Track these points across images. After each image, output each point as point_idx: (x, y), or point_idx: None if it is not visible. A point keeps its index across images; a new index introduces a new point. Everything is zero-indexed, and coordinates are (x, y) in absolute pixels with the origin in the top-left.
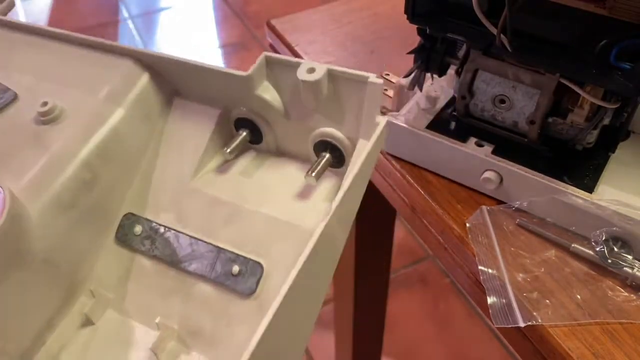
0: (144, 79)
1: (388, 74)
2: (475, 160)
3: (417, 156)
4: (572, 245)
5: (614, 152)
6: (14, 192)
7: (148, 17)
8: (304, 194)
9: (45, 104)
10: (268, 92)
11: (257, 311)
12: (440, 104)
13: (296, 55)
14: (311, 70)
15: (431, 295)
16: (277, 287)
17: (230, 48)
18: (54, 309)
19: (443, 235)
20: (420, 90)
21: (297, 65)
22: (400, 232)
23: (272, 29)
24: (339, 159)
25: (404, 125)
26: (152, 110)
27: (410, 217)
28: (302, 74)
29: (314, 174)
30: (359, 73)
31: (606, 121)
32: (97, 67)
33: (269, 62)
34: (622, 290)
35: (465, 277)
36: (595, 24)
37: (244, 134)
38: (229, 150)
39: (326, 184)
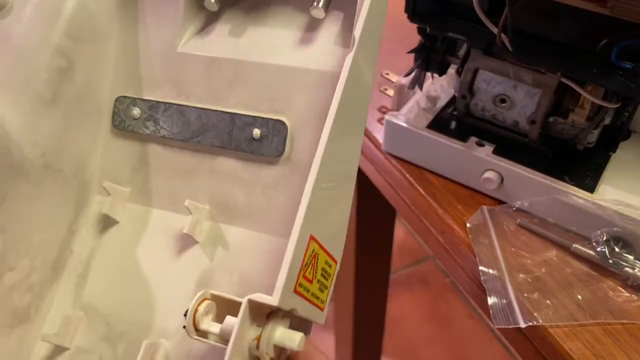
0: None
1: (388, 73)
2: (475, 160)
3: (417, 156)
4: (573, 245)
5: (614, 152)
6: None
7: None
8: (308, 36)
9: None
10: None
11: (291, 171)
12: (441, 103)
13: None
14: None
15: (431, 296)
16: (307, 141)
17: None
18: (71, 215)
19: (443, 236)
20: (421, 89)
21: None
22: (401, 232)
23: None
24: None
25: (404, 124)
26: None
27: (410, 217)
28: None
29: (320, 5)
30: None
31: (607, 121)
32: None
33: None
34: (623, 290)
35: (465, 277)
36: (596, 23)
37: None
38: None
39: (329, 23)
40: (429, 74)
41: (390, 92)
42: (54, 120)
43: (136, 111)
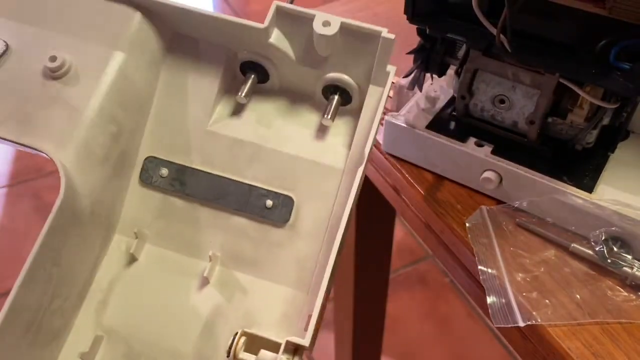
0: (137, 18)
1: None
2: (474, 160)
3: (416, 156)
4: (572, 245)
5: (613, 152)
6: (55, 156)
7: None
8: (320, 133)
9: (54, 58)
10: (280, 41)
11: (292, 237)
12: (440, 104)
13: None
14: (326, 24)
15: (431, 295)
16: (309, 215)
17: None
18: (97, 251)
19: (443, 235)
20: (420, 90)
21: (311, 17)
22: (400, 232)
23: None
24: (345, 100)
25: (404, 125)
26: (154, 51)
27: (409, 216)
28: (318, 27)
29: (329, 117)
30: (372, 27)
31: (605, 121)
32: (86, 10)
33: (279, 12)
34: (622, 290)
35: (465, 276)
36: (595, 24)
37: (253, 76)
38: (243, 94)
39: (337, 122)
40: (428, 74)
41: (390, 92)
42: (103, 175)
43: (164, 171)
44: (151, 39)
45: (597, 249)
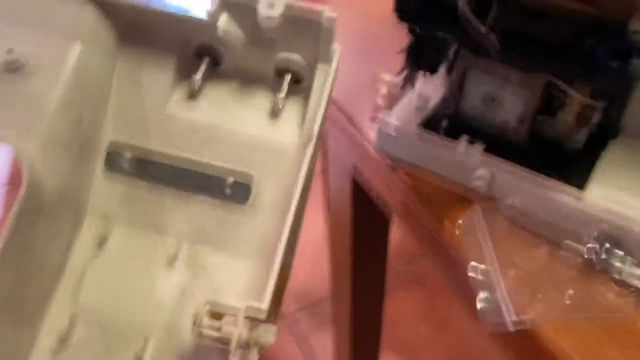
0: (90, 9)
1: (381, 73)
2: (466, 158)
3: (409, 154)
4: (563, 242)
5: (604, 149)
6: (18, 146)
7: None
8: (274, 113)
9: (10, 51)
10: (229, 25)
11: (254, 214)
12: (433, 102)
13: None
14: (271, 5)
15: (429, 295)
16: (268, 192)
17: None
18: (68, 236)
19: (435, 233)
20: (413, 88)
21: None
22: (399, 231)
23: None
24: (297, 79)
25: (397, 123)
26: (109, 40)
27: (403, 215)
28: (263, 9)
29: (282, 95)
30: (314, 8)
31: (595, 119)
32: (39, 3)
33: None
34: (613, 286)
35: (458, 274)
36: (583, 22)
37: (207, 60)
38: (197, 78)
39: (291, 101)
40: (421, 73)
41: (384, 91)
42: (66, 163)
43: (128, 155)
44: (106, 28)
45: (588, 246)
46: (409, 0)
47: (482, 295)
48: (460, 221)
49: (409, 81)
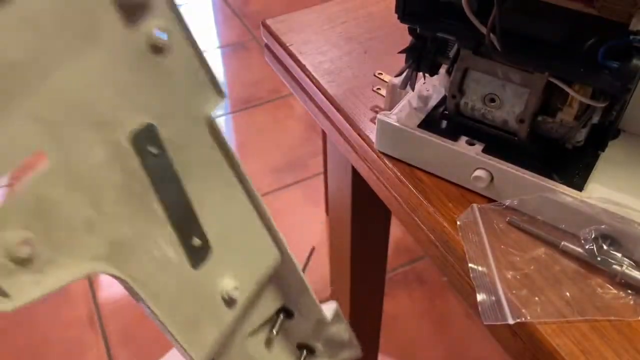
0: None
1: (381, 73)
2: (466, 158)
3: (408, 154)
4: (562, 243)
5: (603, 150)
6: None
7: None
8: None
9: (229, 294)
10: None
11: None
12: (432, 102)
13: (290, 54)
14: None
15: (428, 294)
16: None
17: (229, 48)
18: None
19: (434, 233)
20: (412, 89)
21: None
22: (398, 230)
23: (267, 28)
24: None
25: (396, 124)
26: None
27: (402, 215)
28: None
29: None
30: (356, 342)
31: (595, 120)
32: (256, 240)
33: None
34: (611, 287)
35: (456, 274)
36: (584, 23)
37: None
38: (275, 332)
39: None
40: (420, 73)
41: (383, 91)
42: None
43: None
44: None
45: (586, 247)
46: (410, 1)
47: (480, 295)
48: (458, 221)
49: (409, 81)
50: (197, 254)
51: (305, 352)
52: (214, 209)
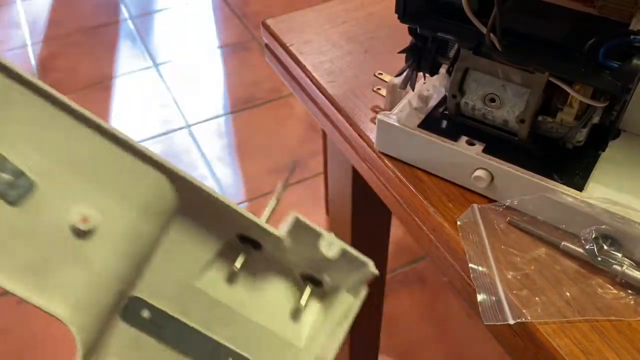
0: (164, 184)
1: (381, 74)
2: (466, 158)
3: (409, 154)
4: (562, 243)
5: (604, 150)
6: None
7: (148, 17)
8: (293, 313)
9: (85, 220)
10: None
11: None
12: (433, 102)
13: (291, 55)
14: (329, 246)
15: (429, 294)
16: None
17: (229, 48)
18: None
19: (434, 233)
20: (413, 89)
21: (318, 234)
22: (399, 230)
23: (268, 28)
24: (318, 286)
25: (396, 124)
26: (169, 212)
27: (402, 215)
28: (323, 247)
29: (304, 304)
30: (364, 259)
31: (596, 120)
32: (123, 169)
33: (296, 224)
34: (612, 287)
35: (456, 274)
36: (584, 23)
37: (250, 250)
38: (238, 266)
39: (311, 306)
40: (421, 74)
41: (383, 91)
42: (103, 318)
43: (146, 313)
44: (170, 202)
45: (587, 247)
46: (410, 1)
47: (481, 295)
48: (458, 221)
49: (409, 81)
50: (12, 189)
51: (309, 283)
52: (29, 143)
